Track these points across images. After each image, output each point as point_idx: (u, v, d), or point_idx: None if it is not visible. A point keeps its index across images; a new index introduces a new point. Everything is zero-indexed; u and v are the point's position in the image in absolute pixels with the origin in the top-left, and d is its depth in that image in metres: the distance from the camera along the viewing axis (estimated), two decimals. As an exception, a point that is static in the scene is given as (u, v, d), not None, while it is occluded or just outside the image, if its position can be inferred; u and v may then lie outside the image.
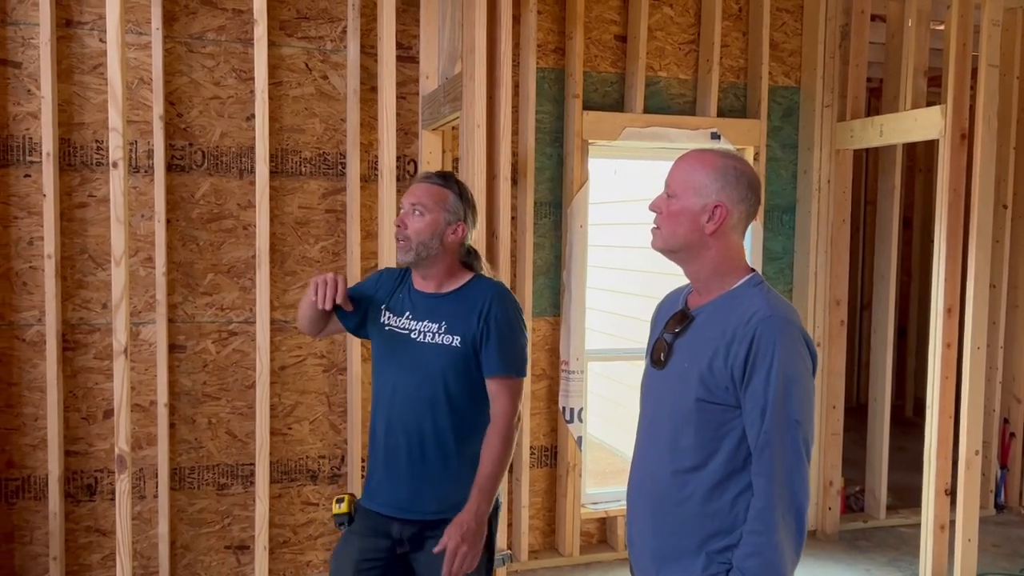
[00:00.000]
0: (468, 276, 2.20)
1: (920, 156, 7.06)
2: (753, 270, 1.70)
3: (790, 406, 1.55)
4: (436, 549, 1.99)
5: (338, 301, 2.11)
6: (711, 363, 1.60)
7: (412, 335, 2.14)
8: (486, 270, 2.27)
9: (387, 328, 2.19)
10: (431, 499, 2.12)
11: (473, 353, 2.10)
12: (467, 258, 2.23)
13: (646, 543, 1.70)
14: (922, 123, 3.82)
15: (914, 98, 4.02)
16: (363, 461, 3.56)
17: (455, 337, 2.10)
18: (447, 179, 2.20)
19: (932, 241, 3.84)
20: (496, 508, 2.20)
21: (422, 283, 2.19)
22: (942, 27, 4.08)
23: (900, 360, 6.80)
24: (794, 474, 1.55)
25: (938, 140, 3.73)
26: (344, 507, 2.22)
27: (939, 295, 3.70)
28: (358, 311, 2.24)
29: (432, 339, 2.12)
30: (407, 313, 2.17)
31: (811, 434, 1.59)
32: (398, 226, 2.14)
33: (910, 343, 7.01)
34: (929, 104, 3.93)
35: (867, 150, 6.46)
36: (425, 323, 2.14)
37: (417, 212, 2.12)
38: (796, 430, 1.55)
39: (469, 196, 2.22)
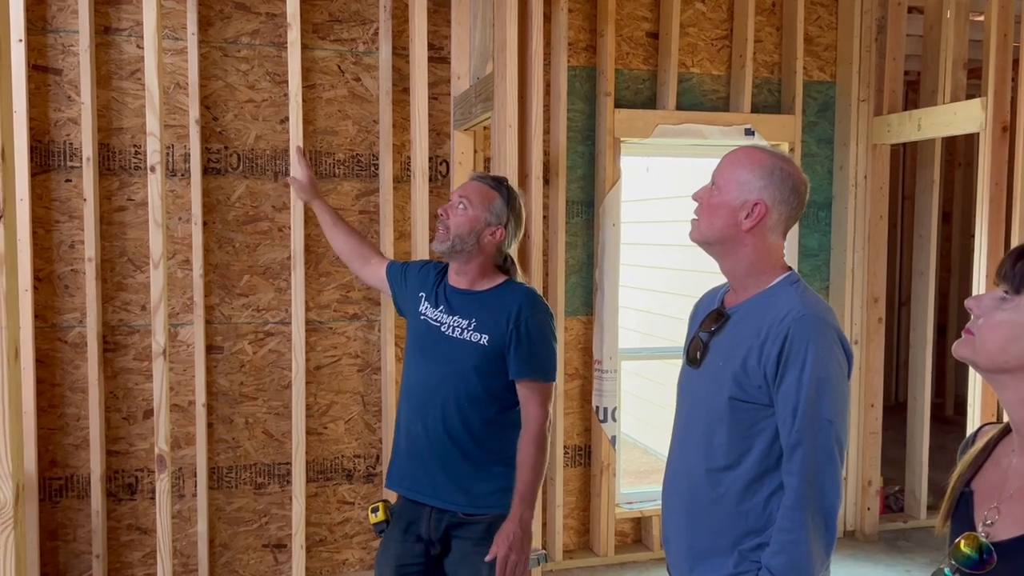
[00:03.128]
0: (501, 279, 2.23)
1: (959, 150, 6.93)
2: (790, 269, 1.69)
3: (822, 406, 1.54)
4: (487, 558, 2.05)
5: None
6: (745, 362, 1.59)
7: (443, 328, 2.18)
8: (520, 279, 2.30)
9: (422, 317, 2.24)
10: (453, 490, 2.15)
11: (500, 354, 2.12)
12: (503, 264, 2.26)
13: (680, 541, 1.71)
14: (962, 116, 3.75)
15: (953, 91, 3.95)
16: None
17: (483, 335, 2.13)
18: (499, 183, 2.25)
19: (972, 236, 3.77)
20: None
21: (456, 278, 2.23)
22: (981, 18, 4.00)
23: (940, 358, 6.67)
24: (825, 474, 1.54)
25: (978, 133, 3.66)
26: (380, 515, 2.27)
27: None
28: (405, 276, 2.37)
29: (461, 334, 2.15)
30: (441, 307, 2.21)
31: (844, 434, 1.58)
32: (439, 215, 2.19)
33: (950, 340, 6.87)
34: (969, 97, 3.85)
35: (904, 144, 6.36)
36: (456, 318, 2.17)
37: (461, 205, 2.17)
38: (828, 430, 1.54)
39: (517, 205, 2.24)
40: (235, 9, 3.48)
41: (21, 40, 3.17)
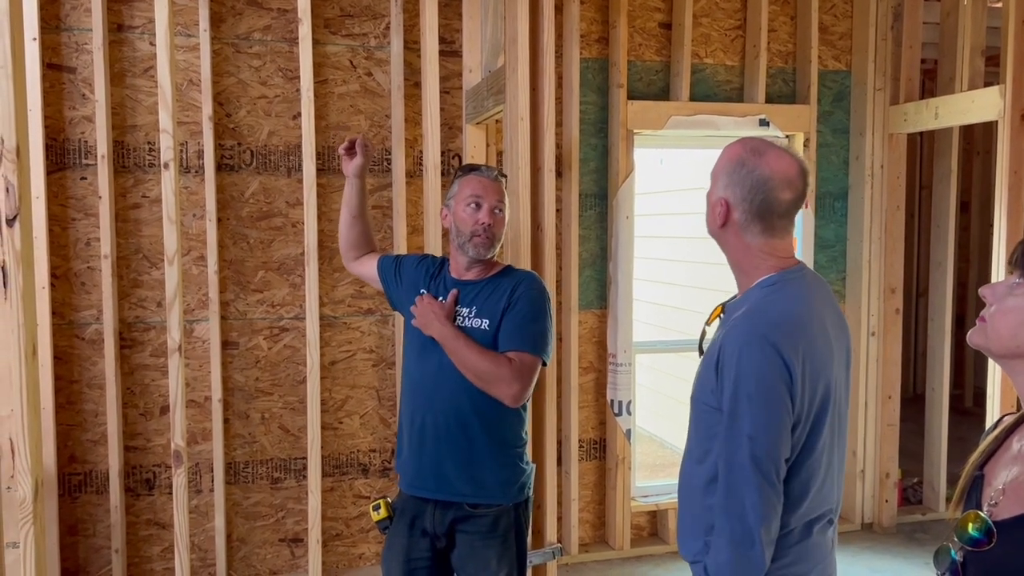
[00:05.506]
0: (501, 264, 2.27)
1: (977, 138, 6.85)
2: (783, 268, 1.60)
3: (743, 422, 1.49)
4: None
5: (357, 150, 2.43)
6: (707, 363, 1.59)
7: None
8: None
9: None
10: (459, 480, 2.14)
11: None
12: None
13: (679, 514, 1.75)
14: (980, 104, 3.71)
15: (971, 78, 3.90)
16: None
17: (484, 320, 2.14)
18: (504, 176, 2.28)
19: (991, 226, 3.73)
20: (527, 501, 2.23)
21: (462, 272, 2.23)
22: (999, 4, 3.95)
23: (959, 349, 6.62)
24: (744, 489, 1.49)
25: (997, 121, 3.62)
26: (382, 512, 2.27)
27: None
28: (399, 271, 2.36)
29: (463, 322, 2.16)
30: (441, 298, 2.21)
31: (767, 450, 1.49)
32: (485, 224, 2.16)
33: (968, 331, 6.82)
34: (987, 84, 3.80)
35: (921, 133, 6.30)
36: (457, 307, 2.18)
37: (497, 211, 2.19)
38: (745, 446, 1.48)
39: None
40: (247, 5, 3.48)
41: (35, 39, 3.19)
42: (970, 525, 1.11)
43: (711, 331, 1.79)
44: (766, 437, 1.48)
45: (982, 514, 1.11)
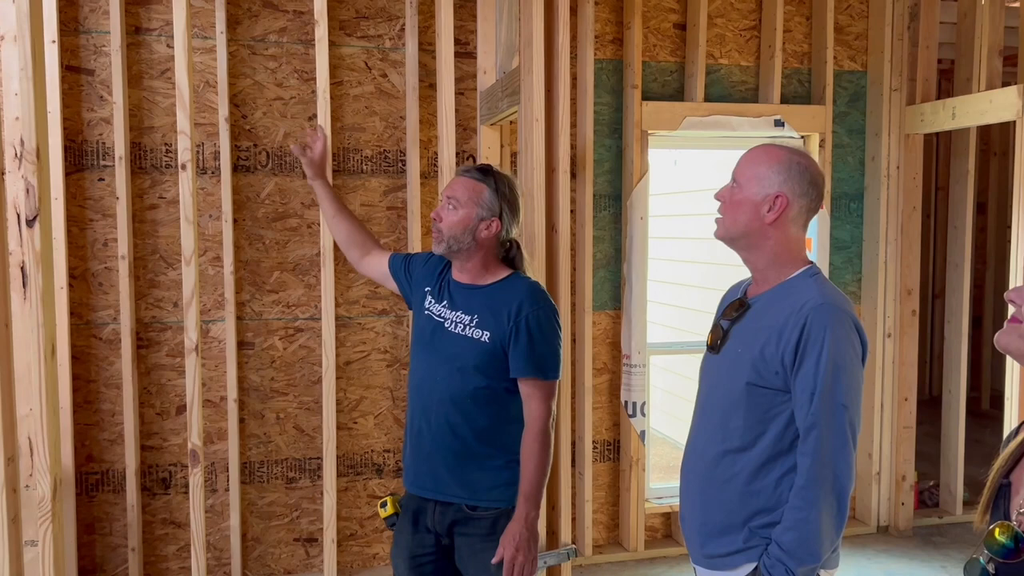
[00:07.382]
0: (505, 272, 2.19)
1: (995, 139, 6.80)
2: (811, 262, 1.77)
3: (838, 391, 1.61)
4: (494, 560, 2.05)
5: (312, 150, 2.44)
6: (763, 349, 1.67)
7: (446, 324, 2.16)
8: (528, 267, 2.26)
9: (426, 312, 2.22)
10: (455, 484, 2.13)
11: (502, 351, 2.09)
12: (507, 254, 2.22)
13: (695, 518, 1.81)
14: (997, 104, 3.68)
15: (988, 78, 3.87)
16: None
17: (485, 332, 2.10)
18: (485, 173, 2.17)
19: (1008, 227, 3.70)
20: None
21: (458, 274, 2.21)
22: (1017, 4, 3.92)
23: (975, 350, 6.56)
24: (838, 456, 1.62)
25: (1014, 121, 3.59)
26: (389, 509, 2.28)
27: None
28: (409, 269, 2.34)
29: (463, 330, 2.13)
30: (444, 301, 2.19)
31: (857, 419, 1.65)
32: (433, 218, 2.16)
33: (986, 333, 6.77)
34: (1004, 84, 3.78)
35: (938, 134, 6.25)
36: (459, 313, 2.15)
37: (451, 206, 2.12)
38: (843, 414, 1.62)
39: (507, 191, 2.17)
40: (263, 7, 3.50)
41: (54, 41, 3.21)
42: (997, 532, 1.08)
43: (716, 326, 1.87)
44: (855, 405, 1.64)
45: (1011, 524, 1.09)
